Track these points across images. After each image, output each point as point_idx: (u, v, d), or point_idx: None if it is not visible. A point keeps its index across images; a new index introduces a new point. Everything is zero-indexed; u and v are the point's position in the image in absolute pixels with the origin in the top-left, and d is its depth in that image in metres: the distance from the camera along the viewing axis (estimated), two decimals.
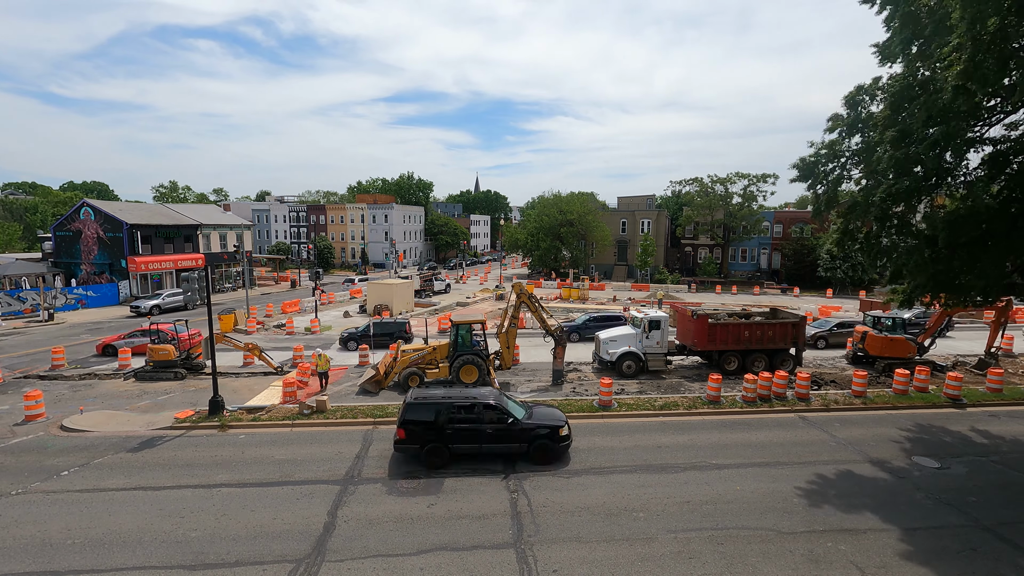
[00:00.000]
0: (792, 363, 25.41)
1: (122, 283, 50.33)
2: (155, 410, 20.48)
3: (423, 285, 56.16)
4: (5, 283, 49.26)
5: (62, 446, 17.13)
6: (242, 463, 15.81)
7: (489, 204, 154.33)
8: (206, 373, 25.60)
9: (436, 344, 24.10)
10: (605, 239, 75.11)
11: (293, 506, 13.30)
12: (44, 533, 12.07)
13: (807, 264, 65.93)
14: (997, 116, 15.18)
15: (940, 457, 16.32)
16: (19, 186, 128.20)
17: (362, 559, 11.15)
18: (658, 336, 25.52)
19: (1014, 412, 20.39)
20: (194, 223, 58.12)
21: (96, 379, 25.19)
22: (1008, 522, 12.71)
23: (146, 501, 13.53)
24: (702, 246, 77.67)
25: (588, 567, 10.92)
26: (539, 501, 13.55)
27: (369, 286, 46.33)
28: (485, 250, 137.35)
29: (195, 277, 20.17)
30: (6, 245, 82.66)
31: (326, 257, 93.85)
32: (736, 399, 21.18)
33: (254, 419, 19.10)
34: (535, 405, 17.75)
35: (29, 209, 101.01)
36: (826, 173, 17.90)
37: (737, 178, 68.58)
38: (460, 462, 15.56)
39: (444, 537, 11.96)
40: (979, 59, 11.91)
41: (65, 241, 53.33)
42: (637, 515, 12.93)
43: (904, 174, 14.75)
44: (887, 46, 15.91)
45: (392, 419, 19.06)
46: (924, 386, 22.08)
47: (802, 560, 11.20)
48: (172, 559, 11.14)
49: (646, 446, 17.13)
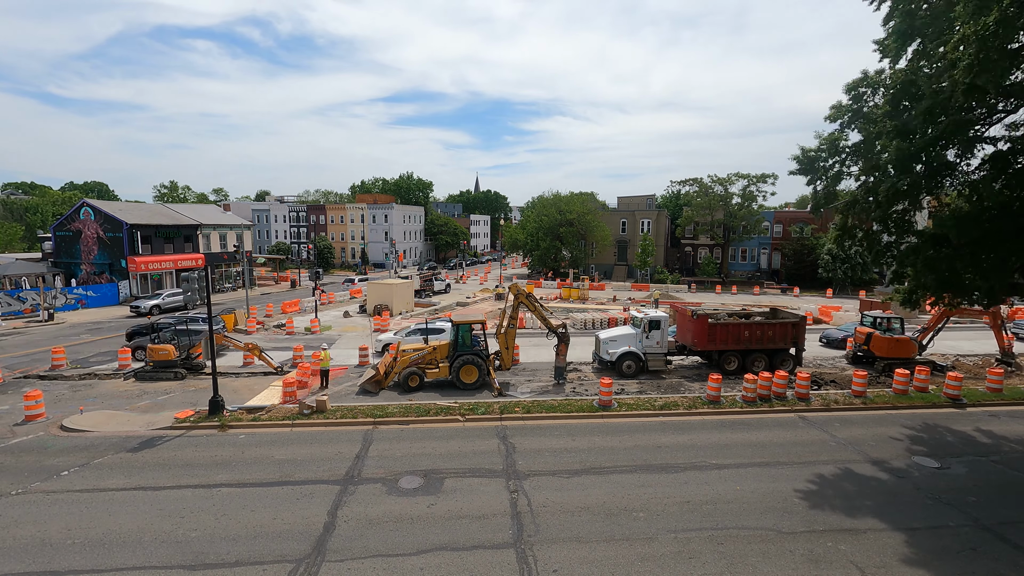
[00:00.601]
0: (792, 363, 25.42)
1: (122, 283, 50.32)
2: (155, 410, 20.48)
3: (423, 285, 56.15)
4: (5, 283, 49.24)
5: (62, 446, 17.12)
6: (242, 463, 15.81)
7: (489, 204, 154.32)
8: (206, 373, 25.60)
9: (436, 344, 24.11)
10: (605, 239, 75.10)
11: (293, 506, 13.30)
12: (44, 533, 12.06)
13: (807, 264, 65.96)
14: (998, 116, 15.18)
15: (940, 457, 16.32)
16: (19, 186, 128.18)
17: (362, 559, 11.14)
18: (658, 336, 25.52)
19: (1014, 412, 20.40)
20: (194, 223, 58.11)
21: (96, 379, 25.18)
22: (1008, 522, 12.72)
23: (146, 501, 13.52)
24: (702, 246, 77.66)
25: (588, 567, 10.91)
26: (539, 501, 13.55)
27: (369, 286, 46.33)
28: (485, 250, 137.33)
29: (195, 277, 20.14)
30: (6, 245, 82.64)
31: (326, 257, 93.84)
32: (736, 399, 21.18)
33: (254, 419, 19.09)
34: None
35: (29, 209, 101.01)
36: (826, 168, 17.91)
37: (737, 178, 68.57)
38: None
39: (444, 537, 11.95)
40: (983, 56, 11.86)
41: (65, 241, 53.33)
42: (637, 515, 12.92)
43: (906, 171, 14.73)
44: (886, 43, 15.92)
45: (392, 419, 19.08)
46: (924, 386, 22.08)
47: (802, 560, 11.20)
48: (172, 559, 11.14)
49: (646, 446, 17.13)
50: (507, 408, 20.00)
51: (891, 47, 15.73)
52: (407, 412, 19.56)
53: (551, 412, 19.73)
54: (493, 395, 22.12)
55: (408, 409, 19.83)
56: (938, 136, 13.91)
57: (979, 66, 11.72)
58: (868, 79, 17.09)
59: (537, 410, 19.87)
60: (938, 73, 14.56)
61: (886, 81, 16.55)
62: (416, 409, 19.83)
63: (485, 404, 20.42)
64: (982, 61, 11.68)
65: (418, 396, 22.13)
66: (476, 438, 17.71)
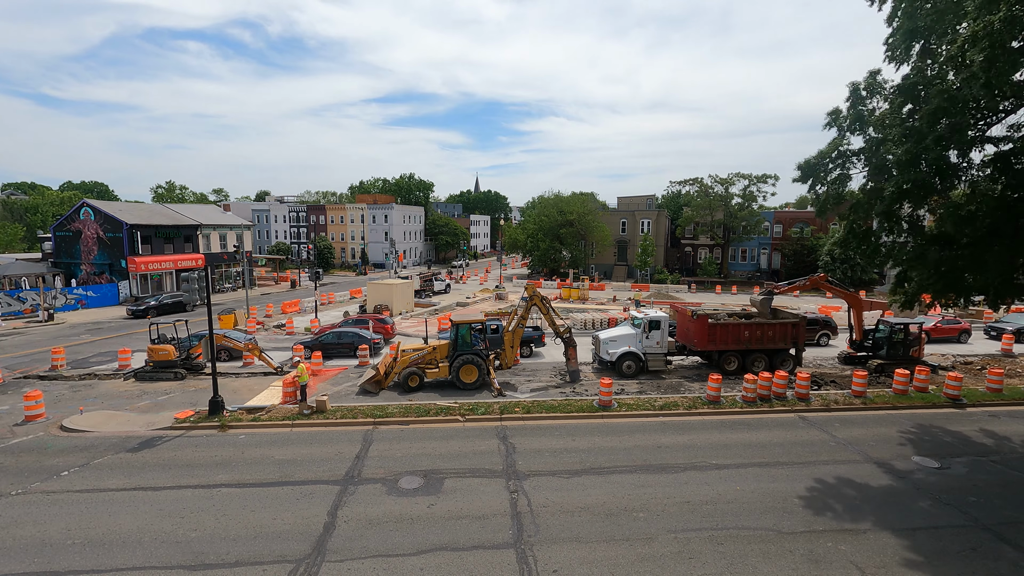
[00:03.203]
0: (792, 363, 25.41)
1: (122, 283, 50.27)
2: (155, 410, 20.48)
3: (423, 285, 56.14)
4: (5, 283, 49.22)
5: (62, 446, 17.12)
6: (242, 463, 15.80)
7: (489, 204, 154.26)
8: (206, 373, 25.59)
9: (436, 344, 24.12)
10: (605, 239, 75.06)
11: (293, 506, 13.30)
12: (44, 533, 12.06)
13: (807, 264, 65.92)
14: (999, 115, 15.17)
15: (940, 457, 16.31)
16: (18, 186, 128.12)
17: (362, 559, 11.14)
18: (658, 336, 25.53)
19: (1014, 412, 20.39)
20: (194, 223, 58.09)
21: (96, 379, 25.17)
22: (1008, 522, 12.72)
23: (146, 501, 13.52)
24: (702, 246, 77.64)
25: (588, 567, 10.91)
26: (539, 501, 13.54)
27: (369, 286, 46.29)
28: (485, 250, 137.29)
29: (195, 277, 20.18)
30: (7, 245, 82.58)
31: (326, 257, 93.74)
32: (736, 399, 21.18)
33: (254, 419, 19.09)
34: None
35: (29, 209, 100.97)
36: (827, 173, 17.88)
37: (737, 178, 68.61)
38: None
39: (444, 537, 11.95)
40: (991, 53, 11.84)
41: (65, 241, 53.31)
42: (637, 515, 12.92)
43: (912, 172, 14.70)
44: (893, 42, 15.90)
45: (392, 419, 19.07)
46: (924, 386, 22.08)
47: (802, 560, 11.20)
48: (172, 559, 11.14)
49: (646, 446, 17.13)
50: (507, 408, 20.00)
51: (898, 45, 15.71)
52: (407, 412, 19.56)
53: (551, 412, 19.73)
54: (493, 395, 22.13)
55: (408, 409, 19.83)
56: (941, 137, 13.90)
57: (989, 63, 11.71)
58: (870, 82, 17.07)
59: (537, 410, 19.87)
60: (944, 73, 14.54)
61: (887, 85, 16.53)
62: (416, 409, 19.83)
63: (485, 404, 20.42)
64: (994, 58, 11.67)
65: (418, 396, 22.13)
66: (476, 438, 17.71)
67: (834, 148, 17.64)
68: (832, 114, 17.74)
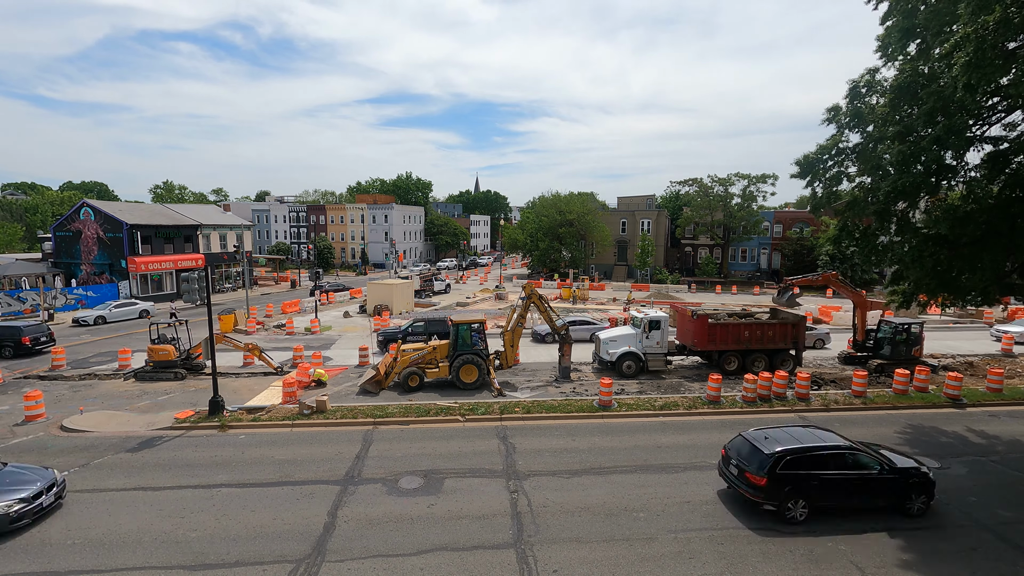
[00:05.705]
0: (792, 363, 25.41)
1: (122, 283, 50.25)
2: (155, 410, 20.47)
3: (423, 285, 56.14)
4: (5, 283, 49.20)
5: (62, 446, 17.12)
6: (242, 463, 15.80)
7: (489, 204, 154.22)
8: (206, 373, 25.58)
9: (436, 344, 24.12)
10: (605, 239, 75.05)
11: (293, 506, 13.30)
12: (44, 533, 12.06)
13: (807, 264, 65.87)
14: (997, 116, 15.18)
15: (940, 457, 16.31)
16: (18, 186, 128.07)
17: (362, 559, 11.14)
18: (658, 336, 25.53)
19: (1014, 412, 20.39)
20: (194, 223, 58.07)
21: (96, 379, 25.17)
22: (1008, 522, 12.72)
23: (146, 501, 13.52)
24: (702, 246, 77.63)
25: (588, 567, 10.91)
26: (539, 501, 13.54)
27: (369, 286, 46.32)
28: (485, 250, 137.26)
29: (195, 277, 20.14)
30: (6, 246, 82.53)
31: (326, 257, 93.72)
32: (736, 399, 21.18)
33: (254, 419, 19.09)
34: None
35: (29, 209, 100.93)
36: (825, 170, 17.87)
37: (737, 178, 68.58)
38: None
39: (444, 537, 11.95)
40: (979, 54, 11.85)
41: (65, 241, 53.29)
42: (637, 515, 12.92)
43: (907, 171, 14.72)
44: (887, 41, 15.90)
45: (392, 419, 19.07)
46: (924, 386, 22.07)
47: (802, 560, 11.20)
48: (172, 559, 11.14)
49: (646, 446, 17.13)
50: (507, 408, 20.00)
51: (892, 44, 15.71)
52: (407, 412, 19.56)
53: (551, 412, 19.73)
54: (493, 395, 22.13)
55: (408, 409, 19.83)
56: (937, 137, 13.91)
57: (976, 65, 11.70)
58: (867, 80, 17.06)
59: (537, 410, 19.87)
60: (937, 73, 14.54)
61: (886, 83, 16.53)
62: (416, 409, 19.83)
63: (485, 404, 20.42)
64: (979, 60, 11.66)
65: (418, 396, 22.13)
66: (476, 438, 17.71)
67: (834, 144, 17.62)
68: (832, 110, 17.72)
